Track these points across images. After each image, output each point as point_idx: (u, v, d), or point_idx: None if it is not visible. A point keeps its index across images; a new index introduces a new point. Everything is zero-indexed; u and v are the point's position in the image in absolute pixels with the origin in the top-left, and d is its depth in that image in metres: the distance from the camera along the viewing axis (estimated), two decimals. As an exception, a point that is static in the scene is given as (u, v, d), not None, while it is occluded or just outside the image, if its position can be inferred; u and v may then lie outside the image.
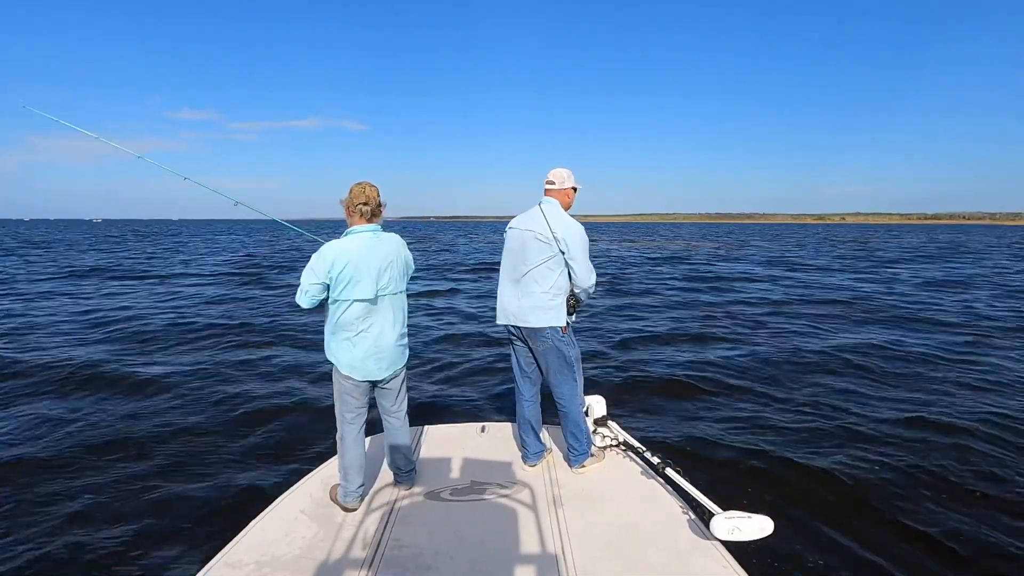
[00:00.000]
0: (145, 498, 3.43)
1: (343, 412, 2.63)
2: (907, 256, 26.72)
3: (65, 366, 6.21)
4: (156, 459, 3.96)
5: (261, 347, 7.31)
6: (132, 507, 3.33)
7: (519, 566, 2.20)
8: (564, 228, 2.79)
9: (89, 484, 3.59)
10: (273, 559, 2.26)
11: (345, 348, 2.52)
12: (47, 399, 5.22)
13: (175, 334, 8.09)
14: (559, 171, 2.94)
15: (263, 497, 3.21)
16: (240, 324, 8.84)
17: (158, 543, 2.97)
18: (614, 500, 2.71)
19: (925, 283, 15.04)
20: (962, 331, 8.37)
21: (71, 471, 3.76)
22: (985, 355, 6.87)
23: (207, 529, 3.06)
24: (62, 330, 8.40)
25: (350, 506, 2.62)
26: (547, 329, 2.82)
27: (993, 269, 19.65)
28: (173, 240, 42.12)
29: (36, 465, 3.84)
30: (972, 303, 11.33)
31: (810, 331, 8.43)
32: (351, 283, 2.45)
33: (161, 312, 10.03)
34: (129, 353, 6.98)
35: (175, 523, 3.15)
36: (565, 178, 2.92)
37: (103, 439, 4.26)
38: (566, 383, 2.92)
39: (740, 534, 2.28)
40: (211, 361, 6.61)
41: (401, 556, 2.28)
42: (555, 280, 2.81)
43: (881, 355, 6.83)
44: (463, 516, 2.58)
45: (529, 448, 3.05)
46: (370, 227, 2.56)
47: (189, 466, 3.85)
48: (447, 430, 3.58)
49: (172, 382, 5.68)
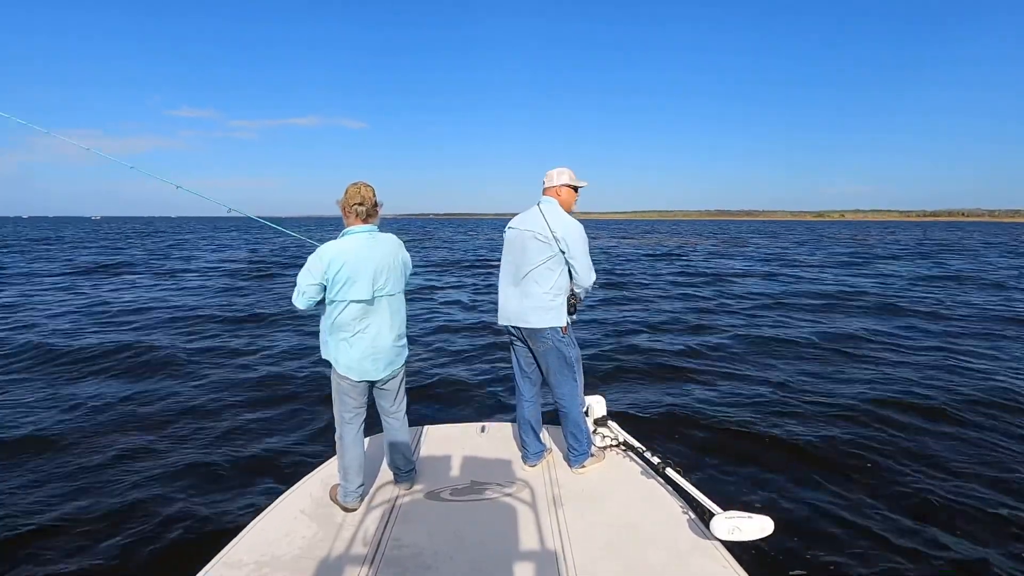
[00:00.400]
0: (144, 498, 3.42)
1: (342, 412, 2.63)
2: (902, 253, 27.00)
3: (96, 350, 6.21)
4: (155, 458, 3.95)
5: (261, 346, 7.32)
6: (132, 507, 3.32)
7: (519, 566, 2.20)
8: (563, 227, 2.79)
9: (87, 482, 3.59)
10: (273, 559, 2.26)
11: (342, 348, 2.52)
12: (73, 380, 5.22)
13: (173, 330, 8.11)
14: (551, 170, 2.97)
15: (263, 497, 3.21)
16: (244, 316, 8.85)
17: (157, 543, 2.97)
18: (614, 500, 2.71)
19: (919, 278, 15.12)
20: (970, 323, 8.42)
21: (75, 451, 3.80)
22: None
23: (207, 529, 3.06)
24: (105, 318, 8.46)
25: (350, 506, 2.62)
26: (547, 330, 2.81)
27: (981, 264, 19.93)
28: (184, 237, 42.15)
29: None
30: (963, 297, 11.45)
31: (809, 326, 8.43)
32: (348, 284, 2.44)
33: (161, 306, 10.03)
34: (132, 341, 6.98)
35: (175, 523, 3.15)
36: (554, 176, 2.94)
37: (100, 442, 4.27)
38: (566, 383, 2.91)
39: (740, 534, 2.28)
40: (211, 360, 6.62)
41: (401, 556, 2.27)
42: (555, 280, 2.81)
43: (883, 349, 6.85)
44: (463, 516, 2.58)
45: (529, 448, 3.04)
46: (366, 227, 2.55)
47: (189, 466, 3.84)
48: (447, 430, 3.58)
49: (173, 373, 5.69)
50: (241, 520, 2.60)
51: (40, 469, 3.79)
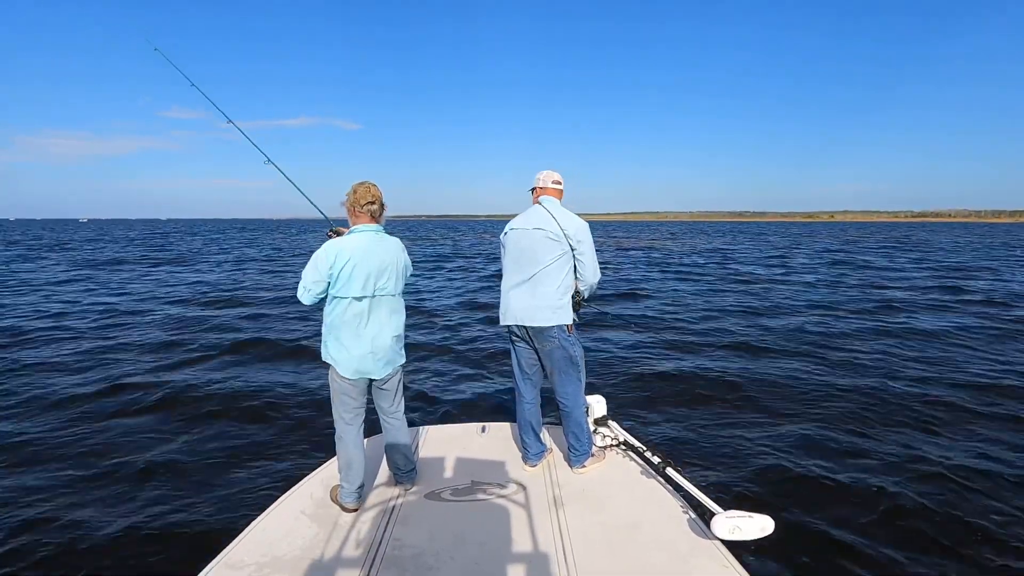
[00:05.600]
0: (145, 497, 3.42)
1: (341, 412, 2.64)
2: (881, 252, 27.80)
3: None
4: (156, 458, 3.95)
5: (262, 344, 7.33)
6: (132, 507, 3.32)
7: (520, 566, 2.20)
8: (574, 225, 2.84)
9: (87, 482, 3.60)
10: (274, 559, 2.26)
11: (342, 347, 2.55)
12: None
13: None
14: (541, 172, 3.02)
15: (264, 497, 3.21)
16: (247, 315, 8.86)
17: (158, 543, 2.96)
18: (615, 500, 2.71)
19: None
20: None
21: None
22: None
23: (207, 529, 3.06)
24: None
25: (350, 506, 2.62)
26: (554, 328, 2.83)
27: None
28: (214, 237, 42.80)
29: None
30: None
31: (808, 329, 8.43)
32: (351, 280, 2.49)
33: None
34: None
35: (175, 523, 3.15)
36: (546, 178, 3.00)
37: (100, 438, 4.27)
38: (571, 382, 2.92)
39: (741, 533, 2.28)
40: (214, 358, 6.62)
41: (401, 556, 2.28)
42: (563, 279, 2.84)
43: (887, 354, 6.85)
44: (463, 516, 2.58)
45: (530, 449, 3.04)
46: (374, 227, 2.61)
47: (189, 466, 3.84)
48: (447, 430, 3.58)
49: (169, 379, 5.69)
50: (242, 520, 2.60)
51: (38, 473, 3.79)
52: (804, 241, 40.98)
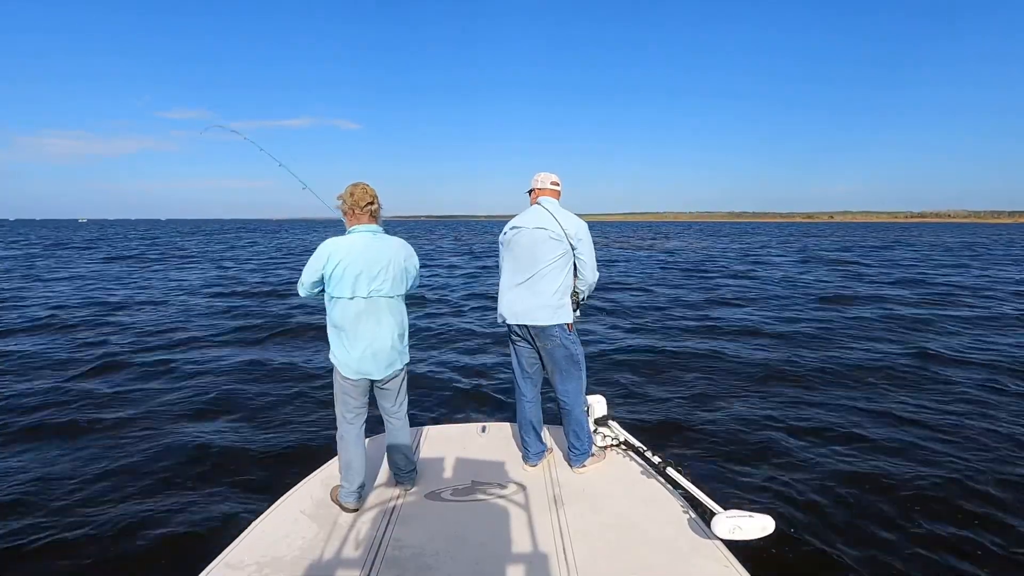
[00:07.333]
0: (145, 498, 3.42)
1: (343, 412, 2.64)
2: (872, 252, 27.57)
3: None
4: (156, 458, 3.95)
5: (262, 345, 7.32)
6: (133, 507, 3.32)
7: (520, 566, 2.20)
8: (574, 225, 2.86)
9: (82, 480, 3.59)
10: (274, 559, 2.26)
11: (343, 347, 2.56)
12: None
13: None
14: (539, 173, 3.04)
15: (264, 498, 3.21)
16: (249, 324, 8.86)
17: (159, 544, 2.97)
18: (615, 500, 2.71)
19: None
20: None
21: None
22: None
23: (208, 530, 3.06)
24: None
25: (351, 506, 2.62)
26: (555, 327, 2.83)
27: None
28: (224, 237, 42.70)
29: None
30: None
31: (807, 332, 8.43)
32: (343, 280, 2.50)
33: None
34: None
35: (176, 524, 3.15)
36: (545, 179, 3.01)
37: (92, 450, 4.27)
38: (572, 381, 2.92)
39: (741, 533, 2.28)
40: (214, 358, 6.62)
41: (402, 556, 2.27)
42: (563, 278, 2.86)
43: (889, 361, 6.85)
44: (464, 516, 2.58)
45: (530, 448, 3.04)
46: (371, 227, 2.61)
47: (190, 466, 3.84)
48: (447, 430, 3.58)
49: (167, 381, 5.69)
50: (242, 521, 2.60)
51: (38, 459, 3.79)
52: (807, 242, 40.76)
